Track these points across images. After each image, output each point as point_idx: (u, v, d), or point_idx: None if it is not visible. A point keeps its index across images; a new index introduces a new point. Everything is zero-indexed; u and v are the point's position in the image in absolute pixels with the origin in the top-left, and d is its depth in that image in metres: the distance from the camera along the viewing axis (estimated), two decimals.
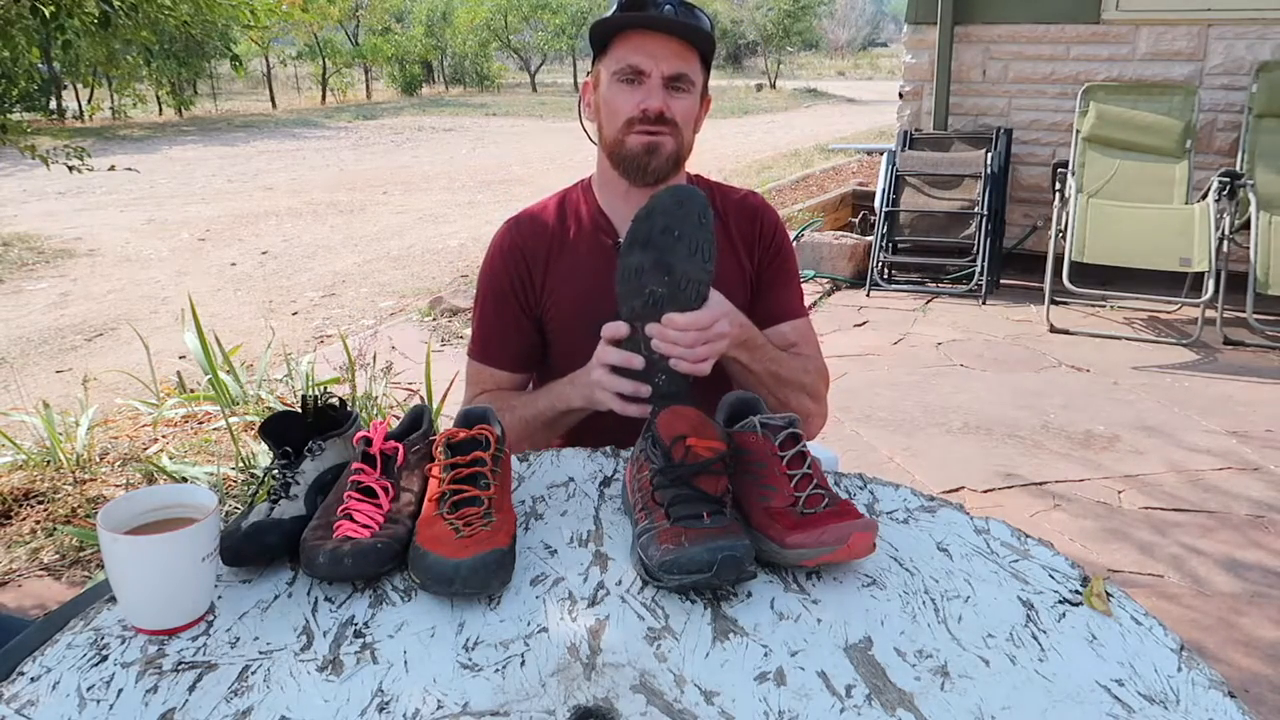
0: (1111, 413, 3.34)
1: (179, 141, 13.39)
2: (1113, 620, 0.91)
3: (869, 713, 0.78)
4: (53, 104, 15.70)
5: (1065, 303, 4.46)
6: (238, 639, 0.87)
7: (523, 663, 0.83)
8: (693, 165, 1.47)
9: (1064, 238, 4.26)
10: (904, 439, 3.16)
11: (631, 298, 1.19)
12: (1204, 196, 4.19)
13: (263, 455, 2.70)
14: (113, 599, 0.91)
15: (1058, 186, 4.51)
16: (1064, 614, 0.91)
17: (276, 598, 0.93)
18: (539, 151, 11.96)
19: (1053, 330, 4.21)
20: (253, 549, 0.96)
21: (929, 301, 4.73)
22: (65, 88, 16.81)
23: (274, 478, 1.05)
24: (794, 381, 1.35)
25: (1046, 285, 4.30)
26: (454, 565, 0.90)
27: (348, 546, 0.93)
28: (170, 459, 2.79)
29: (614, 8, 1.32)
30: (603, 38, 1.34)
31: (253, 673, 0.82)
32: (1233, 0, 4.49)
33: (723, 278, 1.41)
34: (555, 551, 1.02)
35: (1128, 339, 4.14)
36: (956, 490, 2.80)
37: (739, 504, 1.03)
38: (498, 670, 0.82)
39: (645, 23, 1.28)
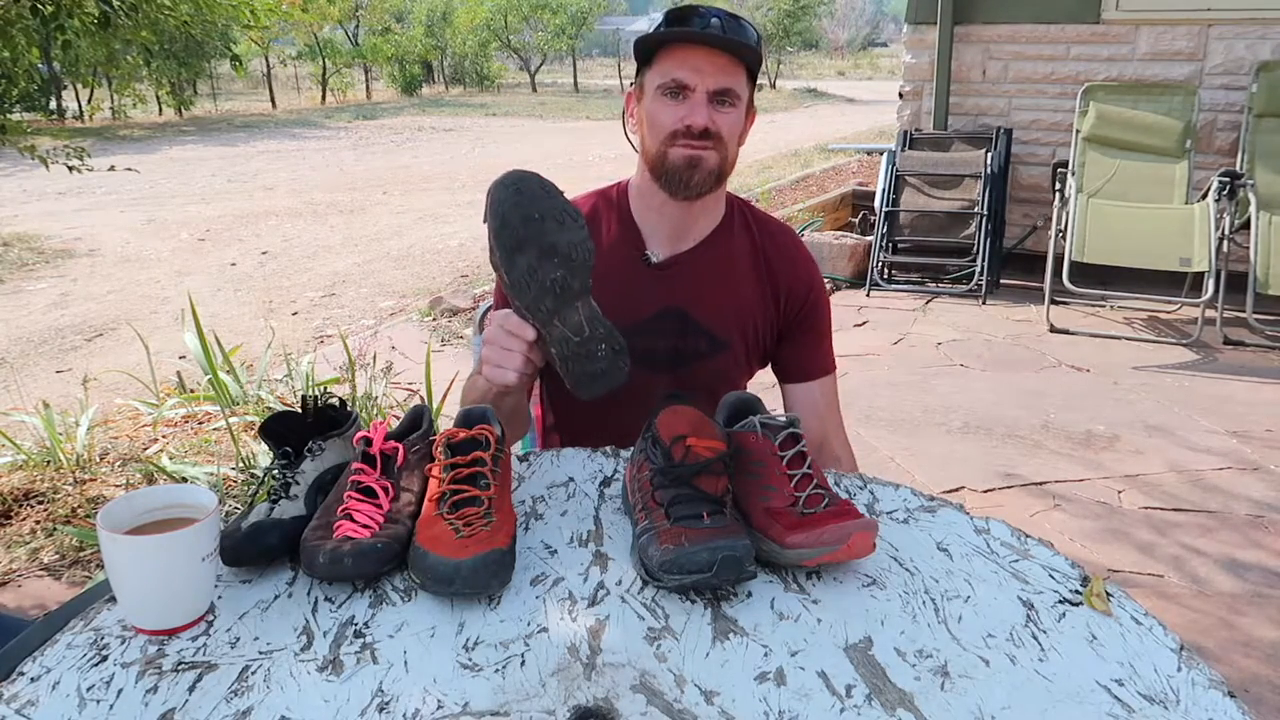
0: (1112, 413, 3.34)
1: (179, 141, 13.39)
2: (1113, 620, 0.91)
3: (869, 713, 0.78)
4: (53, 104, 15.70)
5: (1065, 303, 4.46)
6: (238, 639, 0.87)
7: (523, 663, 0.83)
8: None
9: (1064, 238, 4.26)
10: (904, 439, 3.16)
11: (540, 300, 1.12)
12: (1204, 196, 4.19)
13: (263, 455, 2.70)
14: (113, 599, 0.91)
15: (1058, 186, 4.51)
16: (1064, 614, 0.91)
17: (276, 598, 0.93)
18: (539, 152, 11.95)
19: (1053, 330, 4.21)
20: (253, 549, 0.96)
21: (929, 301, 4.73)
22: (65, 88, 16.81)
23: (274, 478, 1.05)
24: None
25: (1046, 285, 4.30)
26: (454, 565, 0.90)
27: (348, 546, 0.92)
28: (170, 459, 2.79)
29: (660, 21, 1.30)
30: (647, 50, 1.31)
31: (253, 673, 0.82)
32: (1233, 0, 4.48)
33: (746, 304, 1.41)
34: (555, 551, 1.02)
35: (1128, 339, 4.15)
36: (956, 490, 2.80)
37: (739, 504, 1.03)
38: (498, 670, 0.82)
39: (692, 38, 1.26)
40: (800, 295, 1.44)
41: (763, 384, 1.48)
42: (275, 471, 1.05)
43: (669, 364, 1.38)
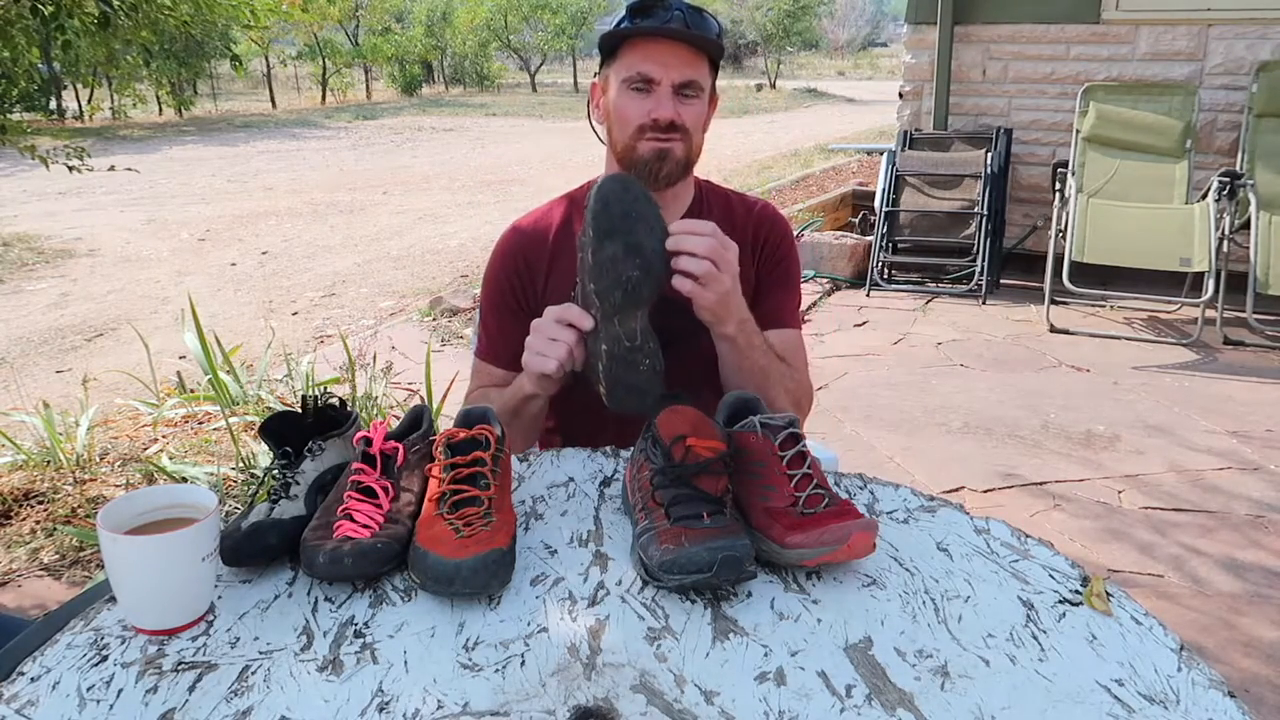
0: (1112, 413, 3.34)
1: (179, 141, 13.39)
2: (1113, 620, 0.91)
3: (869, 713, 0.78)
4: (53, 104, 15.69)
5: (1065, 303, 4.46)
6: (238, 639, 0.87)
7: (523, 663, 0.83)
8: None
9: (1064, 238, 4.27)
10: (904, 439, 3.16)
11: (611, 291, 1.15)
12: (1204, 196, 4.19)
13: (263, 455, 2.70)
14: (113, 599, 0.91)
15: (1058, 186, 4.51)
16: (1064, 614, 0.91)
17: (276, 598, 0.93)
18: (539, 152, 11.95)
19: (1053, 330, 4.21)
20: (253, 549, 0.96)
21: (929, 301, 4.73)
22: (65, 88, 16.80)
23: (274, 478, 1.05)
24: (781, 385, 1.35)
25: (1046, 285, 4.29)
26: (454, 565, 0.90)
27: (348, 546, 0.92)
28: (170, 459, 2.79)
29: (623, 14, 1.32)
30: (612, 43, 1.34)
31: (253, 673, 0.82)
32: (1233, 0, 4.49)
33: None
34: (555, 551, 1.02)
35: (1128, 339, 4.15)
36: (956, 490, 2.80)
37: (739, 504, 1.03)
38: (498, 670, 0.82)
39: (656, 32, 1.29)
40: (774, 243, 1.47)
41: None
42: (275, 471, 1.05)
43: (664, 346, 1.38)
